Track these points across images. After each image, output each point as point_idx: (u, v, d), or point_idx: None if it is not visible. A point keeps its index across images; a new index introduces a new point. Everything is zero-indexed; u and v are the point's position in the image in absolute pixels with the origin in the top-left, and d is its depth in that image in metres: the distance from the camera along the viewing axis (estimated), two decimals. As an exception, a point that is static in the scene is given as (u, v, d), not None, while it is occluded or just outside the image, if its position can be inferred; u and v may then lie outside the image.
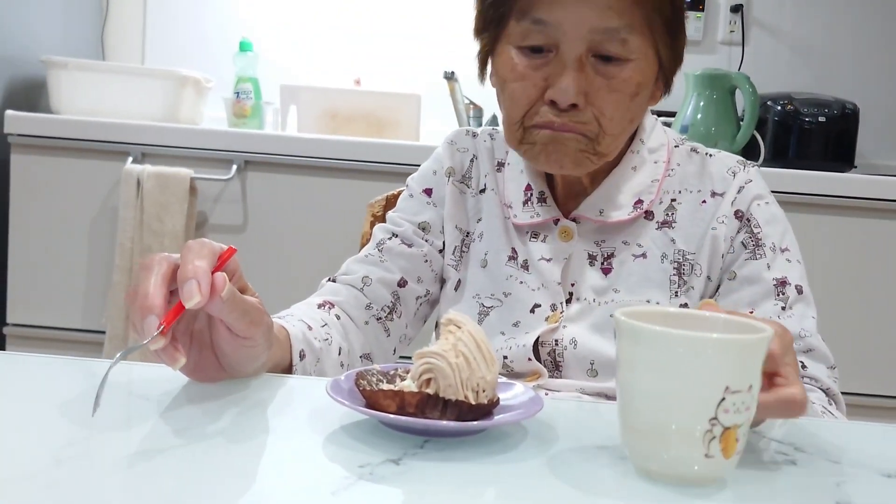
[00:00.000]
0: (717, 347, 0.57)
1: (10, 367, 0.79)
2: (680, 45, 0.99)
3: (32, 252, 2.05)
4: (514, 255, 1.05)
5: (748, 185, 1.02)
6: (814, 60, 2.57)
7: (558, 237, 1.04)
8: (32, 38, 2.25)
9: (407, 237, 1.10)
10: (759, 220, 1.01)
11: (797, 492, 0.62)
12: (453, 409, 0.64)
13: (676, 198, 1.03)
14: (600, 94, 0.93)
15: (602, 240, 1.03)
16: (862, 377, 2.00)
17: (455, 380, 0.64)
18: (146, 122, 2.06)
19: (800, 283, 1.00)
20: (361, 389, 0.67)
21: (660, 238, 1.02)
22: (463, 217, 1.11)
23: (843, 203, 1.98)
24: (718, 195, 1.02)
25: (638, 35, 0.92)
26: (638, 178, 1.03)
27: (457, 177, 1.12)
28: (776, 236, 1.01)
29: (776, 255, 1.00)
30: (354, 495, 0.54)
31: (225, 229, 2.05)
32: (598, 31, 0.91)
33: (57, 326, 2.05)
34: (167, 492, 0.53)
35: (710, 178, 1.03)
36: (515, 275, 1.04)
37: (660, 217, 1.03)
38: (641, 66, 0.94)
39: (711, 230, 1.00)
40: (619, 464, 0.63)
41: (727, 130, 2.14)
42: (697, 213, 1.02)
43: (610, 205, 1.02)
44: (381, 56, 2.57)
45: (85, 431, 0.63)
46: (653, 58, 0.95)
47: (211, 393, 0.76)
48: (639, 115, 0.99)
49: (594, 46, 0.92)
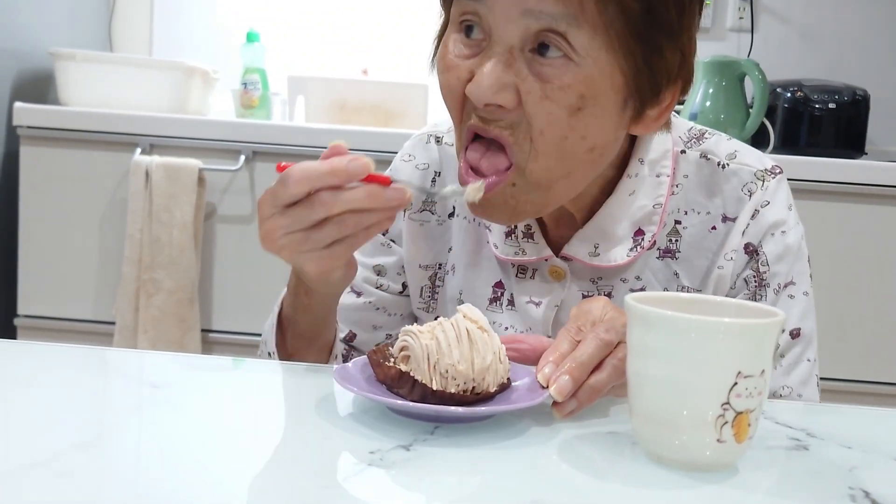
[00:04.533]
0: (730, 332, 0.57)
1: (23, 355, 0.79)
2: (663, 67, 0.77)
3: (42, 243, 2.05)
4: (496, 295, 0.93)
5: (764, 210, 0.89)
6: (824, 47, 2.55)
7: (548, 276, 0.91)
8: (40, 30, 2.25)
9: (355, 285, 0.98)
10: (769, 256, 0.89)
11: (809, 477, 0.61)
12: (419, 389, 0.64)
13: (681, 220, 0.90)
14: (531, 98, 0.75)
15: (598, 277, 0.90)
16: (874, 364, 2.00)
17: (423, 361, 0.64)
18: (154, 114, 2.06)
19: (798, 324, 0.90)
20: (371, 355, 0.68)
21: (661, 270, 0.90)
22: (427, 252, 0.97)
23: (853, 190, 1.96)
24: (730, 220, 0.89)
25: (587, 31, 0.73)
26: (637, 203, 0.88)
27: (414, 208, 0.97)
28: (783, 274, 0.90)
29: (778, 298, 0.90)
30: (365, 481, 0.54)
31: (233, 220, 2.05)
32: (532, 14, 0.73)
33: (67, 317, 2.06)
34: (177, 477, 0.53)
35: (723, 197, 0.90)
36: (499, 319, 0.93)
37: (662, 243, 0.90)
38: (589, 74, 0.74)
39: (718, 269, 0.89)
40: (630, 449, 0.62)
41: (736, 118, 2.13)
42: (705, 241, 0.89)
43: (605, 238, 0.88)
44: (389, 46, 2.56)
45: (97, 419, 0.63)
46: (611, 68, 0.75)
47: (220, 380, 0.76)
48: (598, 152, 0.78)
49: (529, 36, 0.74)
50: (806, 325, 0.91)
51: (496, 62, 0.75)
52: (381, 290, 0.99)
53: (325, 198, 0.70)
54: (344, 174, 0.70)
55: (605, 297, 0.73)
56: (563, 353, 0.67)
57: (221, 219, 2.06)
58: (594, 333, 0.67)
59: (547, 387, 0.65)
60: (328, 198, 0.70)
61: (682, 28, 0.77)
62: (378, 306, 0.99)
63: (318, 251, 0.72)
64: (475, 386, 0.65)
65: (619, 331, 0.67)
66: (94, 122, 2.02)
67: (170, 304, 1.97)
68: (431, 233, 0.98)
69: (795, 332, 0.90)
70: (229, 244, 2.05)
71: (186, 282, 1.98)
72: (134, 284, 1.98)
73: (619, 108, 0.78)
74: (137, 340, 1.98)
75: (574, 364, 0.66)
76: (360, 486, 0.53)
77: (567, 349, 0.67)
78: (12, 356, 0.78)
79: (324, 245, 0.72)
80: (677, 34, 0.77)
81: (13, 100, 2.10)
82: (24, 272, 2.05)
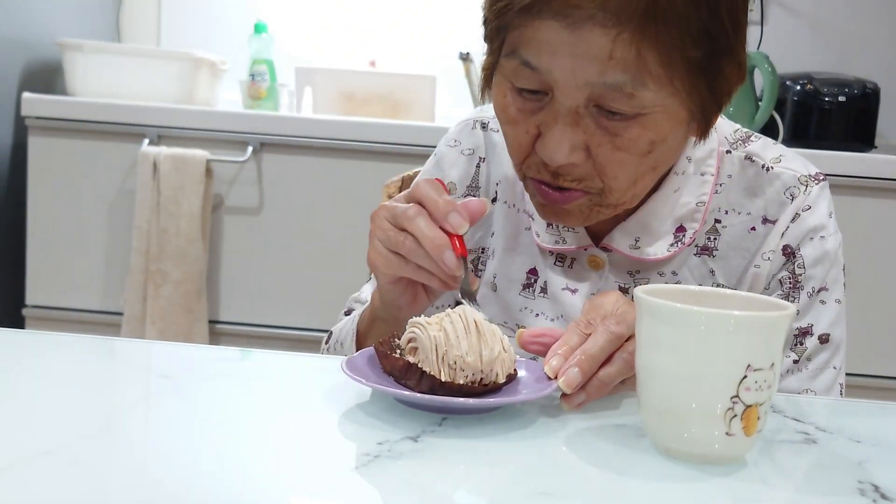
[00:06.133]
0: (740, 325, 0.57)
1: (32, 345, 0.79)
2: (723, 83, 0.78)
3: (50, 234, 2.06)
4: (530, 282, 0.93)
5: (805, 214, 0.89)
6: (834, 40, 2.53)
7: (587, 265, 0.91)
8: (48, 20, 2.25)
9: None
10: (806, 259, 0.89)
11: (819, 471, 0.61)
12: (427, 380, 0.63)
13: (722, 219, 0.90)
14: (602, 150, 0.76)
15: (636, 270, 0.90)
16: (883, 359, 1.99)
17: (431, 353, 0.64)
18: (162, 105, 2.06)
19: (828, 329, 0.89)
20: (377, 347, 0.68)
21: (698, 267, 0.90)
22: (471, 237, 0.97)
23: (863, 183, 1.95)
24: (770, 222, 0.89)
25: (652, 86, 0.73)
26: (681, 200, 0.88)
27: (459, 192, 0.98)
28: (818, 278, 0.90)
29: (811, 301, 0.89)
30: (373, 472, 0.54)
31: (241, 211, 2.06)
32: (597, 85, 0.73)
33: (75, 308, 2.07)
34: (184, 467, 0.53)
35: (765, 199, 0.89)
36: (531, 306, 0.93)
37: (700, 241, 0.90)
38: (657, 120, 0.75)
39: (755, 267, 0.89)
40: (639, 442, 0.62)
41: (746, 110, 2.12)
42: (744, 241, 0.89)
43: (646, 232, 0.88)
44: (396, 37, 2.55)
45: (104, 408, 0.63)
46: (677, 106, 0.76)
47: (229, 371, 0.76)
48: (661, 163, 0.81)
49: (594, 98, 0.74)
50: (836, 332, 0.90)
51: (564, 125, 0.76)
52: None
53: (410, 211, 0.74)
54: (441, 212, 0.73)
55: (618, 292, 0.73)
56: (572, 346, 0.67)
57: (229, 210, 2.06)
58: (604, 326, 0.67)
59: (555, 378, 0.65)
60: (411, 211, 0.74)
61: (738, 41, 0.78)
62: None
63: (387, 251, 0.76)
64: (483, 377, 0.65)
65: (629, 324, 0.67)
66: (101, 113, 2.02)
67: (177, 295, 1.98)
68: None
69: (825, 338, 0.89)
70: (236, 235, 2.06)
71: (194, 273, 1.98)
72: (142, 275, 1.99)
73: (686, 132, 0.80)
74: (145, 331, 1.98)
75: (584, 356, 0.65)
76: (368, 478, 0.53)
77: (576, 342, 0.67)
78: (20, 345, 0.78)
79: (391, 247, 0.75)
80: (735, 50, 0.78)
81: (21, 90, 2.10)
82: (32, 262, 2.06)
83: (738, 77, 0.80)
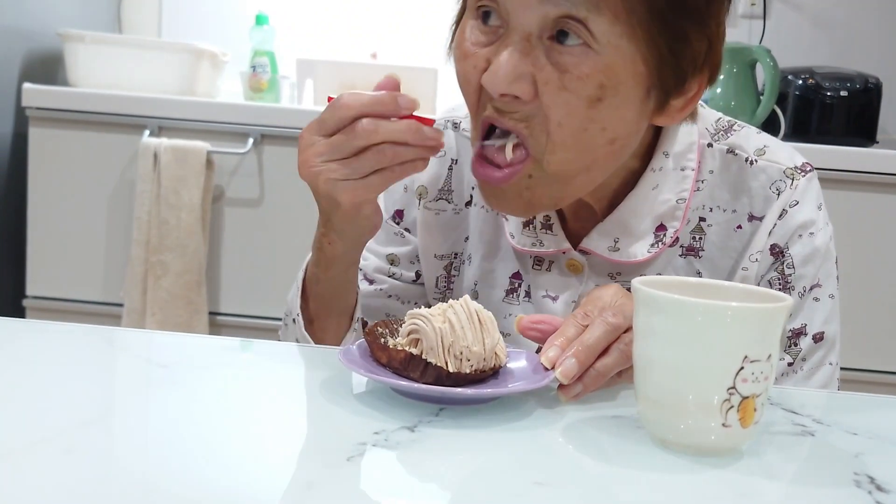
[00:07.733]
0: (737, 316, 0.57)
1: (30, 333, 0.79)
2: (688, 52, 0.74)
3: (51, 225, 2.06)
4: (514, 286, 0.92)
5: (792, 210, 0.86)
6: (836, 34, 2.53)
7: (566, 268, 0.89)
8: (49, 11, 2.25)
9: (368, 273, 0.96)
10: (795, 258, 0.87)
11: (815, 462, 0.61)
12: (432, 372, 0.64)
13: (706, 217, 0.87)
14: (549, 88, 0.73)
15: (617, 273, 0.88)
16: (882, 353, 1.99)
17: (437, 344, 0.64)
18: (163, 96, 2.06)
19: (822, 328, 0.88)
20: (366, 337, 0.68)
21: (684, 268, 0.87)
22: (443, 242, 0.95)
23: (865, 178, 1.95)
24: (756, 219, 0.86)
25: (608, 18, 0.70)
26: (661, 197, 0.86)
27: (430, 196, 0.95)
28: (809, 277, 0.87)
29: (803, 301, 0.88)
30: (369, 461, 0.54)
31: (241, 203, 2.06)
32: (550, 4, 0.71)
33: (75, 299, 2.07)
34: (183, 456, 0.53)
35: (749, 195, 0.87)
36: (515, 312, 0.91)
37: (685, 240, 0.87)
38: (609, 63, 0.72)
39: (742, 270, 0.87)
40: (635, 433, 0.62)
41: (747, 105, 2.12)
42: (730, 240, 0.87)
43: (626, 232, 0.86)
44: (398, 30, 2.55)
45: (103, 397, 0.63)
46: (632, 57, 0.72)
47: (226, 361, 0.76)
48: (617, 138, 0.76)
49: (547, 23, 0.72)
50: (830, 329, 0.89)
51: (512, 51, 0.73)
52: (393, 278, 0.98)
53: (366, 125, 0.72)
54: (391, 105, 0.73)
55: (617, 285, 0.73)
56: (569, 337, 0.67)
57: (229, 202, 2.06)
58: (602, 318, 0.67)
59: (552, 369, 0.65)
60: (370, 126, 0.72)
61: (709, 14, 0.75)
62: (391, 294, 0.98)
63: (354, 181, 0.74)
64: (485, 364, 0.65)
65: (627, 316, 0.66)
66: (102, 104, 2.02)
67: (178, 287, 1.98)
68: (448, 222, 0.96)
69: (819, 336, 0.88)
70: (237, 227, 2.05)
71: (194, 264, 1.98)
72: (142, 267, 1.99)
73: (642, 98, 0.76)
74: (145, 322, 1.99)
75: (581, 347, 0.65)
76: (364, 467, 0.53)
77: (573, 334, 0.67)
78: (20, 334, 0.78)
79: (360, 175, 0.74)
80: (705, 21, 0.74)
81: (22, 81, 2.10)
82: (32, 253, 2.06)
83: (708, 61, 0.77)
